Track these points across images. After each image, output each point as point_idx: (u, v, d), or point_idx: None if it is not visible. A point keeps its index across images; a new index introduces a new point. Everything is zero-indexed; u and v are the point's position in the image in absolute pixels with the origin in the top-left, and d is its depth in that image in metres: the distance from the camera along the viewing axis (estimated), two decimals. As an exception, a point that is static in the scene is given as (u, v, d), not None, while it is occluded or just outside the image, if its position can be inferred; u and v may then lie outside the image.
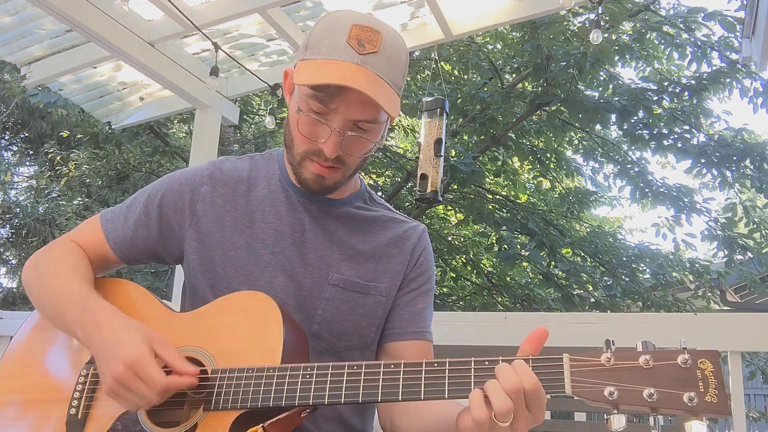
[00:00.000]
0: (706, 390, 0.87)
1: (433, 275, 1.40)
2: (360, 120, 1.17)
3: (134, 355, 1.07)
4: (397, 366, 1.00)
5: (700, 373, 0.88)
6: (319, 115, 1.17)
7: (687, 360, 0.88)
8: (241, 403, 1.06)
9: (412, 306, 1.33)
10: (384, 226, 1.36)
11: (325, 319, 1.26)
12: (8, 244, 9.51)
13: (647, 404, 0.87)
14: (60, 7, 2.94)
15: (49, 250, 1.36)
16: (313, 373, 1.04)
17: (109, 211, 1.39)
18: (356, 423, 1.31)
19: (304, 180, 1.24)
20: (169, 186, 1.34)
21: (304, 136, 1.19)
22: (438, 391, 0.97)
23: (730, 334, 2.05)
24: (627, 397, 0.88)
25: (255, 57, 3.92)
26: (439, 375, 0.98)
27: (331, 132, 1.17)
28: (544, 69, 5.83)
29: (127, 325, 1.14)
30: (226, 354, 1.13)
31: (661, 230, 6.78)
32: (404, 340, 1.30)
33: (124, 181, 9.39)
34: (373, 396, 1.00)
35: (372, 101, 1.13)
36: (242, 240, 1.28)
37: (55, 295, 1.25)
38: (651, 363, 0.89)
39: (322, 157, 1.19)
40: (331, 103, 1.15)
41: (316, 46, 1.18)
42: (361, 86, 1.12)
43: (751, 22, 3.06)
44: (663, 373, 0.88)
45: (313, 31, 1.21)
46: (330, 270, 1.27)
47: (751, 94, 6.19)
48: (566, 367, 0.92)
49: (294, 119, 1.21)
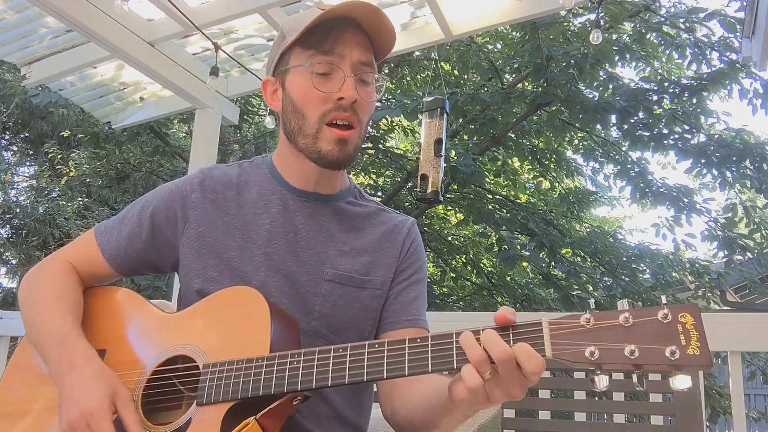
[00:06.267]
0: (687, 343, 0.86)
1: (424, 265, 1.42)
2: (363, 62, 1.24)
3: (93, 407, 1.08)
4: (381, 345, 1.02)
5: (681, 327, 0.87)
6: (326, 74, 1.23)
7: (667, 315, 0.87)
8: (232, 394, 1.07)
9: (404, 295, 1.35)
10: (375, 221, 1.39)
11: (323, 315, 1.27)
12: (8, 244, 9.51)
13: (629, 361, 0.87)
14: (60, 6, 2.94)
15: (42, 271, 1.38)
16: (300, 359, 1.05)
17: (102, 225, 1.42)
18: (353, 418, 1.32)
19: (324, 154, 1.25)
20: (161, 196, 1.37)
21: (320, 91, 1.23)
22: (422, 366, 0.98)
23: (730, 334, 2.05)
24: (608, 355, 0.88)
25: (255, 57, 3.93)
26: (422, 350, 0.99)
27: (345, 76, 1.23)
28: (544, 69, 5.83)
29: (98, 375, 1.14)
30: (216, 349, 1.14)
31: (661, 230, 6.78)
32: (398, 328, 1.32)
33: (124, 181, 9.39)
34: (359, 376, 1.01)
35: (367, 43, 1.25)
36: (235, 242, 1.30)
37: (37, 326, 1.26)
38: (631, 321, 0.89)
39: (341, 109, 1.23)
40: (336, 47, 1.22)
41: (294, 27, 1.26)
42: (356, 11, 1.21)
43: (751, 22, 3.07)
44: (643, 330, 0.88)
45: (283, 26, 1.31)
46: (325, 266, 1.29)
47: (751, 95, 6.19)
48: (545, 330, 0.92)
49: (302, 89, 1.25)
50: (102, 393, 1.10)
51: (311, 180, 1.32)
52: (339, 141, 1.24)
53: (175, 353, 1.18)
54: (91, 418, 1.08)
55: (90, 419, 1.08)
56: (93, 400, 1.09)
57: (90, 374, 1.13)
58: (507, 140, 7.06)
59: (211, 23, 3.39)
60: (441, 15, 3.36)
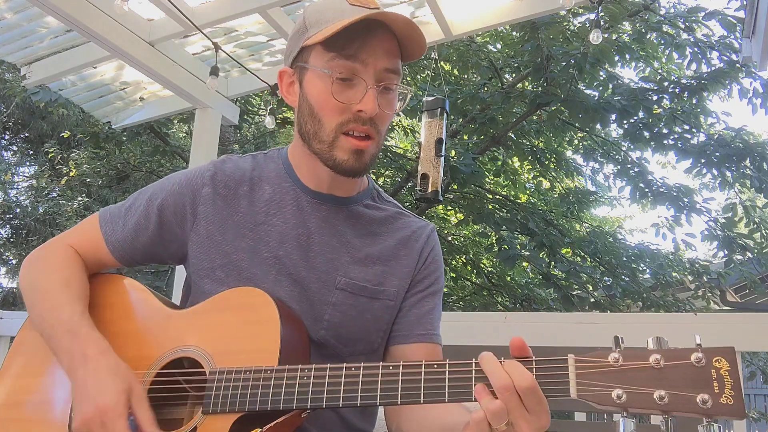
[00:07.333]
0: (721, 391, 0.81)
1: (442, 276, 1.36)
2: (389, 69, 1.17)
3: (108, 404, 1.05)
4: (396, 367, 0.97)
5: (715, 372, 0.82)
6: (347, 80, 1.15)
7: (701, 359, 0.83)
8: (239, 406, 1.05)
9: (419, 307, 1.29)
10: (393, 226, 1.32)
11: (333, 325, 1.22)
12: (8, 244, 9.51)
13: (658, 407, 0.82)
14: (60, 6, 2.94)
15: (45, 254, 1.33)
16: (311, 374, 1.02)
17: (107, 212, 1.36)
18: (358, 423, 1.29)
19: (339, 163, 1.18)
20: (170, 189, 1.31)
21: (338, 101, 1.15)
22: (438, 394, 0.93)
23: (730, 334, 2.05)
24: (636, 400, 0.83)
25: (255, 57, 3.93)
26: (438, 377, 0.93)
27: (367, 87, 1.15)
28: (544, 69, 5.83)
29: (113, 368, 1.10)
30: (224, 353, 1.11)
31: (660, 230, 6.77)
32: (410, 342, 1.27)
33: (124, 180, 9.39)
34: (372, 399, 0.97)
35: (394, 49, 1.16)
36: (245, 243, 1.25)
37: (43, 314, 1.21)
38: (662, 363, 0.84)
39: (359, 122, 1.16)
40: (360, 54, 1.14)
41: (318, 20, 1.17)
42: (389, 18, 1.12)
43: (751, 22, 3.06)
44: (675, 374, 0.83)
45: (306, 15, 1.21)
46: (337, 274, 1.24)
47: (751, 94, 6.19)
48: (571, 369, 0.87)
49: (320, 95, 1.17)
50: (117, 388, 1.07)
51: (325, 182, 1.27)
52: (356, 151, 1.17)
53: (181, 354, 1.16)
54: (106, 415, 1.05)
55: (105, 417, 1.05)
56: (108, 396, 1.06)
57: (104, 367, 1.10)
58: (507, 140, 7.05)
59: (211, 23, 3.39)
60: (441, 15, 3.36)
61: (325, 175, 1.25)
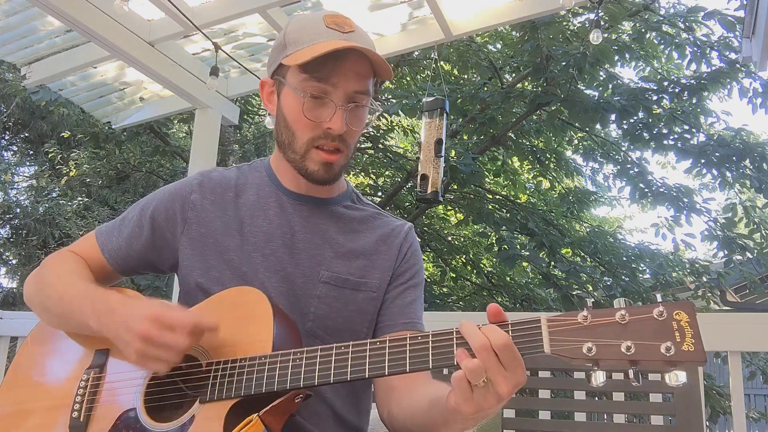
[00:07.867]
0: (682, 339, 0.88)
1: (421, 269, 1.43)
2: (358, 91, 1.25)
3: (154, 311, 1.09)
4: (383, 342, 1.03)
5: (675, 324, 0.89)
6: (318, 98, 1.23)
7: (662, 312, 0.90)
8: (235, 392, 1.09)
9: (401, 299, 1.36)
10: (372, 224, 1.41)
11: (318, 317, 1.28)
12: (8, 244, 9.50)
13: (625, 357, 0.89)
14: (60, 6, 2.94)
15: (47, 261, 1.40)
16: (303, 356, 1.07)
17: (103, 227, 1.45)
18: (353, 419, 1.33)
19: (311, 173, 1.28)
20: (160, 197, 1.39)
21: (309, 119, 1.24)
22: (423, 362, 0.99)
23: (730, 334, 2.05)
24: (605, 351, 0.90)
25: (255, 57, 3.92)
26: (423, 347, 1.00)
27: (335, 108, 1.23)
28: (544, 69, 5.83)
29: (139, 303, 1.17)
30: (219, 348, 1.16)
31: (660, 230, 6.77)
32: (395, 330, 1.33)
33: (124, 181, 9.39)
34: (361, 373, 1.02)
35: (365, 71, 1.24)
36: (233, 243, 1.32)
37: (62, 295, 1.28)
38: (627, 318, 0.91)
39: (329, 138, 1.25)
40: (331, 77, 1.22)
41: (296, 40, 1.26)
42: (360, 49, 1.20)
43: (751, 22, 3.07)
44: (639, 327, 0.90)
45: (287, 32, 1.29)
46: (321, 268, 1.31)
47: (751, 94, 6.19)
48: (544, 327, 0.94)
49: (293, 111, 1.26)
50: (152, 303, 1.13)
51: (304, 185, 1.35)
52: (325, 164, 1.27)
53: None
54: (159, 318, 1.08)
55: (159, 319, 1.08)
56: (148, 309, 1.10)
57: (132, 304, 1.15)
58: (507, 140, 7.05)
59: (211, 23, 3.39)
60: (441, 15, 3.36)
61: (302, 180, 1.33)
